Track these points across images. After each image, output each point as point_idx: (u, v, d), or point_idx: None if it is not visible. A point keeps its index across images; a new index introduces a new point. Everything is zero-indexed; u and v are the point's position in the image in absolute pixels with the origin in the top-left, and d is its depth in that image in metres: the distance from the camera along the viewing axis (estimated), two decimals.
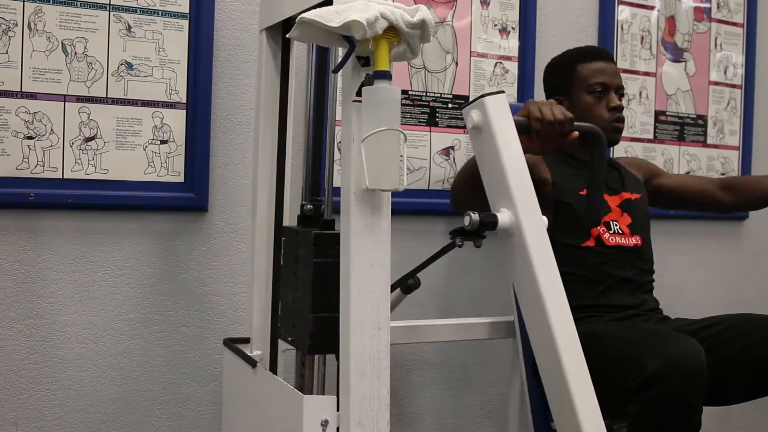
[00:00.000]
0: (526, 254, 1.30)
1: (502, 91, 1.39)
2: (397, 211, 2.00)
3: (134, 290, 1.78)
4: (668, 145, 2.45)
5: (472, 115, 1.38)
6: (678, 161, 2.47)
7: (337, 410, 1.26)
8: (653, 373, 1.34)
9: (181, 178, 1.80)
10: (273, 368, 1.64)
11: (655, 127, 2.42)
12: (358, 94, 1.24)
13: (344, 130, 1.28)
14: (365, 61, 1.26)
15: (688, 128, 2.49)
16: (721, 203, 1.99)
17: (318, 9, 1.24)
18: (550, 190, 1.77)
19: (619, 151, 2.35)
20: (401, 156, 1.23)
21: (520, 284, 1.36)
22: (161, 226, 1.80)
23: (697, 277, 2.55)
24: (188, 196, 1.80)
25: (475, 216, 1.32)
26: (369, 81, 1.23)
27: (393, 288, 1.58)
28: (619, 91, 1.81)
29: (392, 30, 1.22)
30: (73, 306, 1.73)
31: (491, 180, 1.37)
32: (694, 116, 2.50)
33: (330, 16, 1.23)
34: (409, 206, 2.02)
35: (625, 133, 2.37)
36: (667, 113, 2.45)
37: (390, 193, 1.26)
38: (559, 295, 1.29)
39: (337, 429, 1.26)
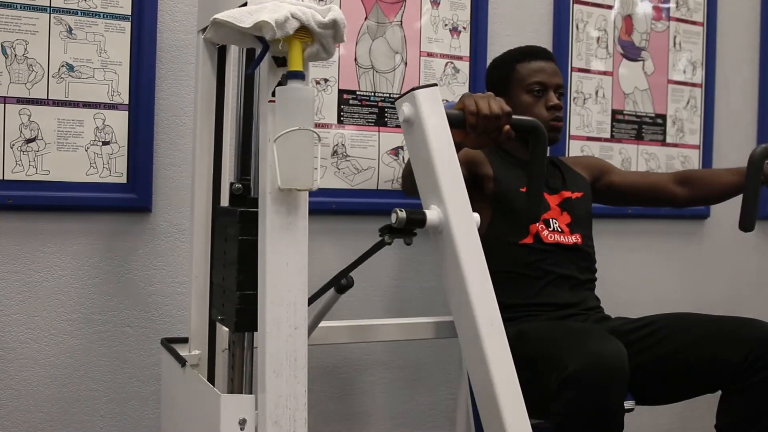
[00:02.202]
0: (454, 252, 1.27)
1: (435, 84, 1.33)
2: (345, 210, 2.02)
3: (77, 290, 1.79)
4: (626, 144, 2.45)
5: (403, 109, 1.33)
6: (636, 160, 2.47)
7: (256, 409, 1.27)
8: (573, 373, 1.34)
9: (123, 179, 1.80)
10: (211, 368, 1.65)
11: (612, 126, 2.42)
12: (274, 94, 1.25)
13: (261, 131, 1.28)
14: (282, 61, 1.27)
15: (646, 127, 2.49)
16: (678, 198, 1.96)
17: (231, 10, 1.25)
18: (491, 184, 1.77)
19: (574, 149, 2.35)
20: (315, 156, 1.24)
21: (448, 283, 1.33)
22: (104, 227, 1.81)
23: (656, 276, 2.55)
24: (131, 197, 1.80)
25: (402, 213, 1.27)
26: (284, 81, 1.24)
27: (328, 287, 1.58)
28: (558, 90, 1.81)
29: (305, 30, 1.23)
30: (15, 306, 1.73)
31: (422, 175, 1.33)
32: (653, 115, 2.50)
33: (242, 17, 1.23)
34: (357, 206, 2.02)
35: (581, 132, 2.38)
36: (625, 112, 2.45)
37: (307, 193, 1.27)
38: (488, 295, 1.26)
39: (256, 428, 1.27)
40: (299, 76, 1.22)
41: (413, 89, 1.31)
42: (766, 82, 2.70)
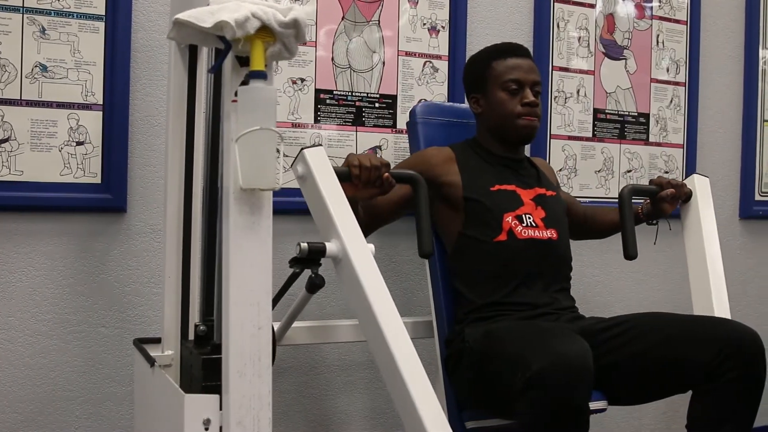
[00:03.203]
0: (354, 275, 1.39)
1: (320, 145, 1.57)
2: None
3: (52, 291, 1.78)
4: (608, 144, 2.45)
5: (298, 168, 1.52)
6: (618, 159, 2.47)
7: (221, 409, 1.27)
8: (537, 372, 1.33)
9: (98, 180, 1.80)
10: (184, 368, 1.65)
11: (594, 125, 2.42)
12: (237, 94, 1.24)
13: (225, 131, 1.28)
14: (245, 61, 1.26)
15: (629, 126, 2.48)
16: (581, 229, 2.06)
17: (193, 9, 1.25)
18: (459, 191, 1.78)
19: (556, 149, 2.35)
20: (278, 155, 1.23)
21: (354, 304, 1.43)
22: (79, 227, 1.80)
23: (637, 276, 2.55)
24: (105, 197, 1.80)
25: (304, 245, 1.42)
26: (247, 81, 1.24)
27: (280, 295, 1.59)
28: (535, 87, 1.80)
29: (267, 30, 1.23)
30: None
31: (319, 218, 1.49)
32: (635, 114, 2.49)
33: (204, 17, 1.23)
34: None
35: (562, 132, 2.37)
36: (607, 111, 2.44)
37: (271, 192, 1.26)
38: (390, 308, 1.38)
39: (220, 428, 1.27)
40: (261, 75, 1.22)
41: (302, 149, 1.50)
42: (751, 80, 2.70)
